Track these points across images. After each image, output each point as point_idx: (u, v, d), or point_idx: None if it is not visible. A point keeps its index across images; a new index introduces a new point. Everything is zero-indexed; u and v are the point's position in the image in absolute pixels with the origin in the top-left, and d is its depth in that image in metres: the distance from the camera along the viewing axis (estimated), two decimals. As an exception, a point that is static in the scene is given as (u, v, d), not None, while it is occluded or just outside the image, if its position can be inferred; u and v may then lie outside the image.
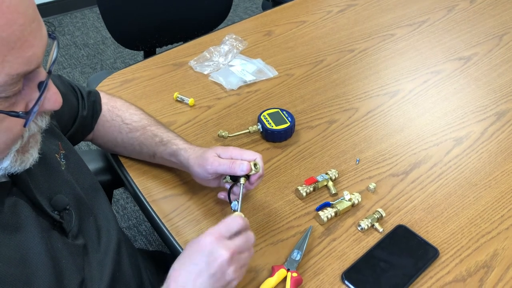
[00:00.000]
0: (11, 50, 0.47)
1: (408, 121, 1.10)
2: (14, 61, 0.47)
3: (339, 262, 0.81)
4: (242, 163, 0.77)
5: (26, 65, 0.49)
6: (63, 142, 0.77)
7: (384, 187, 0.94)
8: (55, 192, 0.68)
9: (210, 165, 0.79)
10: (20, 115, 0.51)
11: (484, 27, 1.42)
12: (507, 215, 0.89)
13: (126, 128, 0.91)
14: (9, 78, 0.48)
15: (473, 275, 0.79)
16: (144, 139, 0.90)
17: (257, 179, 0.80)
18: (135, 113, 0.93)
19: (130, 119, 0.91)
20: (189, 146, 0.86)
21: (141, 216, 1.88)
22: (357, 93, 1.17)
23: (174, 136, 0.89)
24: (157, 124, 0.92)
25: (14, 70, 0.48)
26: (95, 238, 0.74)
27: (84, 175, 0.79)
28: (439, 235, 0.85)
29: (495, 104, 1.15)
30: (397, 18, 1.45)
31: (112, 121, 0.92)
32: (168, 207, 0.89)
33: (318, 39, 1.35)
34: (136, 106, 0.95)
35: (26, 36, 0.48)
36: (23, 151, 0.57)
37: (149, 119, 0.92)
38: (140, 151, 0.92)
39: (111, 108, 0.93)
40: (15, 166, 0.57)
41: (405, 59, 1.29)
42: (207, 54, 1.25)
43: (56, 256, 0.64)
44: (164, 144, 0.88)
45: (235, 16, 3.02)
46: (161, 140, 0.88)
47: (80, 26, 2.90)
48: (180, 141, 0.87)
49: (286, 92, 1.16)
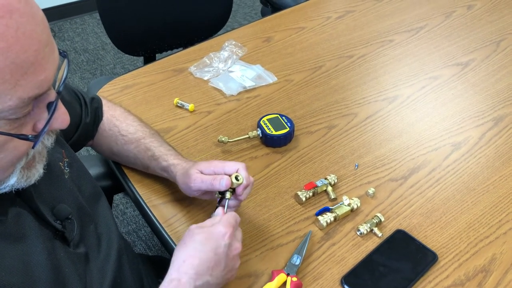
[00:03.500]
0: (24, 75, 0.47)
1: (407, 127, 1.10)
2: (26, 85, 0.48)
3: (338, 266, 0.81)
4: (222, 178, 0.75)
5: (38, 88, 0.49)
6: (66, 150, 0.77)
7: (383, 192, 0.94)
8: (57, 202, 0.68)
9: (193, 183, 0.78)
10: (29, 138, 0.51)
11: (481, 33, 1.43)
12: (505, 219, 0.90)
13: (122, 139, 0.91)
14: (21, 101, 0.48)
15: (472, 280, 0.80)
16: (137, 152, 0.90)
17: (243, 190, 0.77)
18: (132, 124, 0.93)
19: (126, 131, 0.91)
20: (178, 161, 0.85)
21: (141, 221, 1.89)
22: (356, 99, 1.18)
23: (166, 150, 0.88)
24: (151, 136, 0.91)
25: (26, 94, 0.48)
26: (96, 245, 0.74)
27: (87, 182, 0.79)
28: (437, 239, 0.86)
29: (493, 109, 1.16)
30: (395, 24, 1.46)
31: (109, 131, 0.92)
32: (168, 212, 0.89)
33: (317, 45, 1.36)
34: (134, 117, 0.95)
35: (39, 61, 0.48)
36: (28, 167, 0.57)
37: (144, 131, 0.92)
38: (135, 163, 0.92)
39: (110, 117, 0.93)
40: (21, 182, 0.57)
41: (404, 65, 1.30)
42: (207, 60, 1.26)
43: (59, 265, 0.64)
44: (156, 159, 0.88)
45: (234, 22, 3.04)
46: (153, 155, 0.88)
47: (80, 31, 2.91)
48: (170, 157, 0.86)
49: (285, 98, 1.17)
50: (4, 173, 0.54)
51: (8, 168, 0.54)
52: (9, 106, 0.47)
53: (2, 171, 0.54)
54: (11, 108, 0.48)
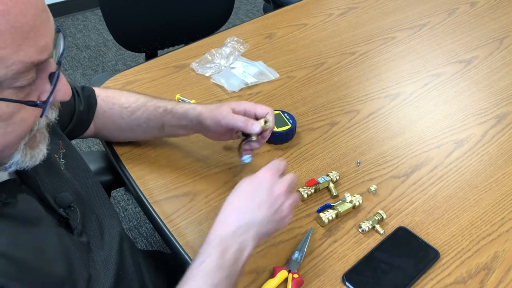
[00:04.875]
0: (25, 40, 0.49)
1: (409, 124, 1.10)
2: (28, 50, 0.49)
3: (340, 263, 0.81)
4: (254, 123, 0.82)
5: (39, 54, 0.51)
6: (64, 141, 0.78)
7: (385, 189, 0.94)
8: (58, 191, 0.69)
9: (224, 119, 0.84)
10: (38, 104, 0.53)
11: (484, 30, 1.43)
12: (507, 217, 0.90)
13: (126, 112, 0.91)
14: (24, 66, 0.49)
15: (474, 277, 0.80)
16: (148, 115, 0.91)
17: (269, 133, 0.85)
18: (130, 95, 0.94)
19: (128, 102, 0.92)
20: (196, 105, 0.90)
21: (142, 217, 1.89)
22: (358, 96, 1.17)
23: (176, 103, 0.91)
24: (155, 98, 0.93)
25: (28, 58, 0.49)
26: (98, 236, 0.75)
27: (84, 174, 0.80)
28: (439, 237, 0.86)
29: (496, 107, 1.15)
30: (398, 21, 1.46)
31: (110, 110, 0.92)
32: (170, 208, 0.89)
33: (319, 42, 1.35)
34: (128, 90, 0.96)
35: (37, 26, 0.50)
36: (32, 146, 0.58)
37: (145, 96, 0.93)
38: (147, 128, 0.92)
39: (105, 98, 0.93)
40: (25, 160, 0.57)
41: (406, 62, 1.30)
42: (208, 56, 1.26)
43: (67, 250, 0.65)
44: (170, 112, 0.89)
45: (236, 19, 3.03)
46: (165, 109, 0.90)
47: (82, 28, 2.91)
48: (183, 104, 0.90)
49: (287, 94, 1.17)
50: (10, 149, 0.55)
51: (14, 144, 0.55)
52: (13, 70, 0.49)
53: (9, 147, 0.55)
54: (15, 74, 0.49)
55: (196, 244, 0.83)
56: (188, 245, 0.83)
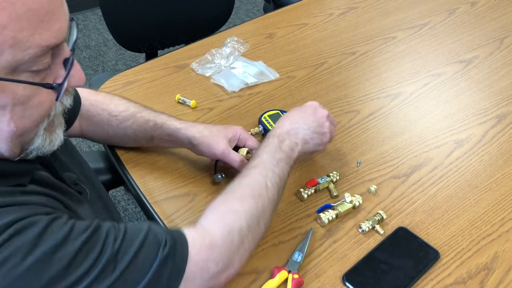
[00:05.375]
0: (40, 23, 0.50)
1: (409, 124, 1.10)
2: (44, 33, 0.51)
3: (340, 264, 0.81)
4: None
5: (55, 38, 0.52)
6: None
7: (385, 189, 0.94)
8: (62, 171, 0.72)
9: (221, 155, 0.88)
10: (54, 86, 0.55)
11: (485, 30, 1.43)
12: (507, 217, 0.90)
13: (115, 120, 0.91)
14: (40, 50, 0.51)
15: (474, 277, 0.80)
16: (137, 126, 0.91)
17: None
18: (120, 103, 0.93)
19: (117, 111, 0.92)
20: (187, 124, 0.91)
21: (143, 217, 1.89)
22: (358, 96, 1.17)
23: (166, 117, 0.92)
24: (145, 109, 0.93)
25: (44, 42, 0.51)
26: (107, 215, 0.79)
27: (80, 164, 0.83)
28: (439, 237, 0.86)
29: (496, 106, 1.15)
30: (398, 21, 1.46)
31: (98, 116, 0.92)
32: (170, 208, 0.89)
33: (319, 42, 1.35)
34: (119, 96, 0.95)
35: (53, 10, 0.51)
36: (50, 130, 0.60)
37: (136, 106, 0.93)
38: (135, 138, 0.93)
39: (94, 103, 0.92)
40: (45, 145, 0.60)
41: (406, 61, 1.30)
42: (208, 57, 1.26)
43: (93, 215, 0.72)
44: (160, 127, 0.90)
45: (236, 18, 3.03)
46: (155, 123, 0.90)
47: (82, 28, 2.91)
48: (174, 121, 0.91)
49: (287, 94, 1.16)
50: (30, 134, 0.57)
51: (33, 128, 0.57)
52: (29, 54, 0.50)
53: (29, 132, 0.57)
54: (31, 57, 0.50)
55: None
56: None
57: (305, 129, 0.85)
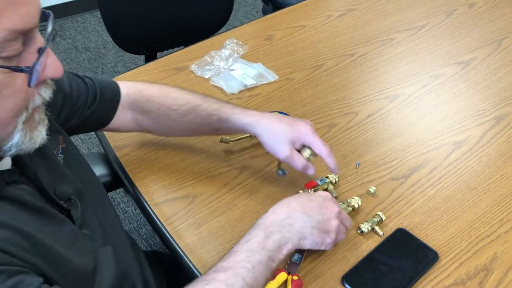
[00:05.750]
0: (7, 6, 0.48)
1: (408, 125, 1.10)
2: (11, 17, 0.49)
3: (339, 265, 0.81)
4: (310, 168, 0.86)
5: (23, 22, 0.50)
6: (63, 136, 0.77)
7: (384, 190, 0.94)
8: (56, 184, 0.69)
9: (285, 158, 0.85)
10: (23, 69, 0.52)
11: (483, 31, 1.43)
12: (506, 218, 0.90)
13: (175, 114, 0.89)
14: (7, 33, 0.49)
15: (473, 278, 0.80)
16: (200, 120, 0.89)
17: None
18: (178, 96, 0.90)
19: (176, 104, 0.89)
20: (254, 119, 0.87)
21: (142, 219, 1.89)
22: (357, 97, 1.18)
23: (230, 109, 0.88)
24: (205, 100, 0.89)
25: (12, 26, 0.49)
26: (99, 230, 0.75)
27: (82, 169, 0.80)
28: (438, 238, 0.86)
29: (494, 108, 1.16)
30: (396, 23, 1.46)
31: (157, 110, 0.89)
32: (169, 210, 0.89)
33: (318, 44, 1.36)
34: (175, 88, 0.92)
35: None
36: (31, 126, 0.57)
37: (195, 98, 0.89)
38: (200, 131, 0.92)
39: (150, 98, 0.89)
40: (25, 141, 0.56)
41: (405, 63, 1.30)
42: (208, 58, 1.26)
43: (74, 235, 0.66)
44: (225, 121, 0.88)
45: (235, 20, 3.03)
46: (219, 118, 0.88)
47: (81, 30, 2.91)
48: (239, 115, 0.87)
49: (286, 96, 1.17)
50: (6, 128, 0.54)
51: (9, 121, 0.54)
52: None
53: (4, 126, 0.54)
54: (0, 42, 0.49)
55: (196, 246, 0.83)
56: (188, 247, 0.83)
57: (304, 221, 0.73)
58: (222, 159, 0.99)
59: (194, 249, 0.83)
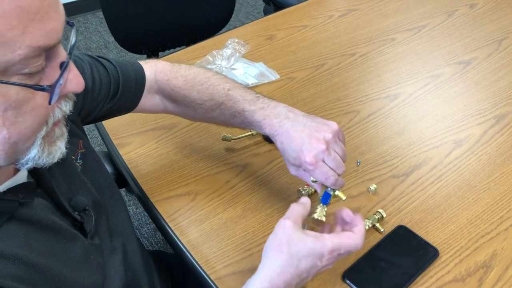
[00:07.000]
0: (31, 22, 0.46)
1: (409, 124, 1.11)
2: (35, 33, 0.47)
3: (340, 261, 0.81)
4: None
5: (47, 38, 0.48)
6: (83, 140, 0.76)
7: (384, 188, 0.95)
8: (73, 194, 0.69)
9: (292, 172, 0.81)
10: (45, 88, 0.50)
11: (483, 31, 1.44)
12: (506, 216, 0.90)
13: (200, 108, 0.87)
14: (31, 50, 0.47)
15: (473, 275, 0.80)
16: (225, 118, 0.86)
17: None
18: (202, 91, 0.86)
19: (201, 99, 0.86)
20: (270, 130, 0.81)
21: (143, 218, 1.90)
22: (358, 96, 1.18)
23: (251, 113, 0.82)
24: (229, 97, 0.85)
25: (35, 42, 0.47)
26: (108, 238, 0.75)
27: (100, 174, 0.79)
28: (439, 235, 0.86)
29: (495, 107, 1.16)
30: (397, 23, 1.47)
31: (183, 101, 0.87)
32: (172, 207, 0.90)
33: (319, 43, 1.36)
34: (200, 78, 0.88)
35: (45, 8, 0.48)
36: (50, 141, 0.56)
37: (219, 93, 0.85)
38: (225, 125, 0.90)
39: (174, 89, 0.87)
40: (42, 157, 0.55)
41: (406, 63, 1.31)
42: (210, 58, 1.27)
43: (85, 255, 0.65)
44: (249, 124, 0.84)
45: (237, 21, 3.04)
46: (244, 118, 0.83)
47: (83, 30, 2.92)
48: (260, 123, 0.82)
49: (287, 95, 1.18)
50: (25, 143, 0.53)
51: (29, 136, 0.53)
52: (20, 55, 0.46)
53: (24, 140, 0.52)
54: (22, 58, 0.47)
55: (198, 242, 0.84)
56: (190, 244, 0.84)
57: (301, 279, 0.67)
58: (224, 157, 1.00)
59: (196, 246, 0.83)
